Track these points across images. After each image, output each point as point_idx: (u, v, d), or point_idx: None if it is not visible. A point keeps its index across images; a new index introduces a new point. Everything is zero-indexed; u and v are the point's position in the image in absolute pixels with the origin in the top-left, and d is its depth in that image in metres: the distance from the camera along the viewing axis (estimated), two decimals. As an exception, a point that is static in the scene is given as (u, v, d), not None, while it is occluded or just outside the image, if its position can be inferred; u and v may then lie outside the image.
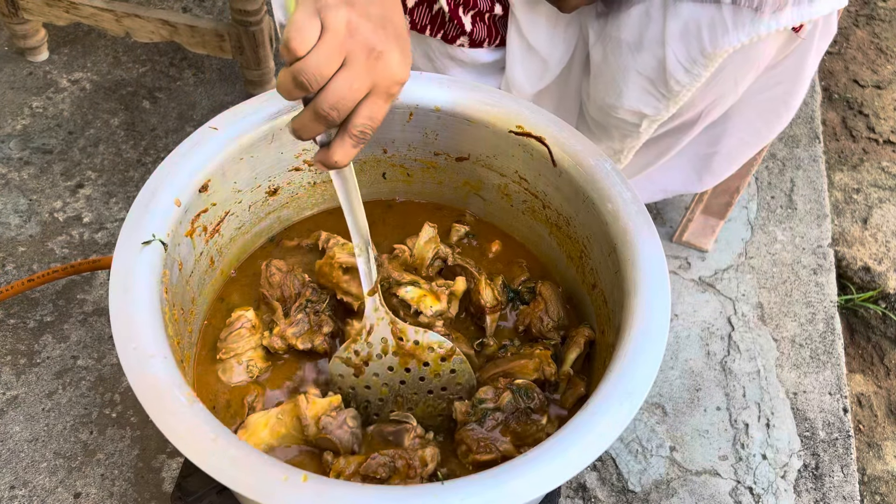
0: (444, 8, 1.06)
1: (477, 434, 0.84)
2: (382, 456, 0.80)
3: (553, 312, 0.96)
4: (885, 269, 1.57)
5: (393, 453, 0.81)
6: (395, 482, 0.79)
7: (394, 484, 0.79)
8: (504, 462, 0.79)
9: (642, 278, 0.82)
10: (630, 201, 0.88)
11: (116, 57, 1.75)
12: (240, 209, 0.96)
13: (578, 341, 0.92)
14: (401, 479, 0.79)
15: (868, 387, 1.47)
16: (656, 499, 1.20)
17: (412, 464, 0.80)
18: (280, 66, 1.75)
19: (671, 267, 1.47)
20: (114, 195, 1.49)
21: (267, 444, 0.83)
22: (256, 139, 0.91)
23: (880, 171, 1.78)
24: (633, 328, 0.79)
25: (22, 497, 1.13)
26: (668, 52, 0.98)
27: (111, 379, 1.25)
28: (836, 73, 1.99)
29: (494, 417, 0.85)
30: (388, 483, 0.79)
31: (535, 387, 0.88)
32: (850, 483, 1.24)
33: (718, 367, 1.34)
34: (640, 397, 0.74)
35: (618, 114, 1.10)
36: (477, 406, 0.86)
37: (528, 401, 0.86)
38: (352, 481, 0.77)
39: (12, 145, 1.56)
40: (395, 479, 0.79)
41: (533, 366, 0.89)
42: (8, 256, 1.39)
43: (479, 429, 0.85)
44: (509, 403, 0.86)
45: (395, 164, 1.05)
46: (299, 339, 0.91)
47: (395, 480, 0.79)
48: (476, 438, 0.84)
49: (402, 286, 0.94)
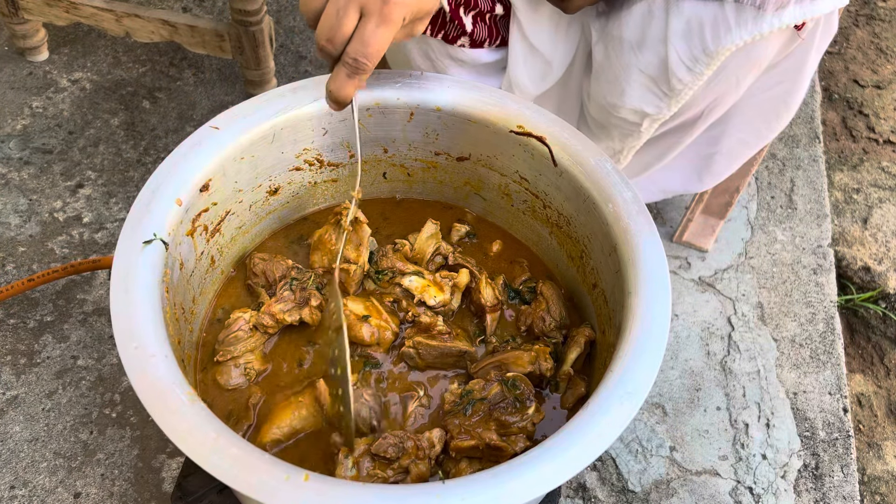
0: (445, 8, 1.06)
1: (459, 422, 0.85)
2: (393, 437, 0.81)
3: (555, 312, 0.96)
4: (885, 269, 1.57)
5: (402, 434, 0.82)
6: (405, 462, 0.81)
7: (403, 463, 0.80)
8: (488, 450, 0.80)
9: (643, 278, 0.82)
10: (631, 201, 0.88)
11: (116, 57, 1.75)
12: (240, 209, 0.96)
13: (579, 341, 0.92)
14: (409, 460, 0.81)
15: (868, 387, 1.47)
16: (656, 499, 1.20)
17: (420, 444, 0.82)
18: (280, 65, 1.75)
19: (671, 267, 1.47)
20: (114, 195, 1.49)
21: (290, 428, 0.85)
22: (257, 138, 0.91)
23: (880, 171, 1.78)
24: (634, 328, 0.79)
25: (22, 497, 1.13)
26: (671, 51, 0.98)
27: (111, 379, 1.25)
28: (836, 73, 1.99)
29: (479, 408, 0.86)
30: (397, 462, 0.81)
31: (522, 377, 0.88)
32: (850, 483, 1.24)
33: (718, 367, 1.35)
34: (641, 397, 0.74)
35: (619, 113, 1.10)
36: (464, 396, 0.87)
37: (513, 391, 0.86)
38: (362, 461, 0.79)
39: (12, 145, 1.56)
40: (404, 459, 0.81)
41: (528, 358, 0.89)
42: (8, 256, 1.39)
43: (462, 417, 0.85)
44: (496, 395, 0.86)
45: (395, 164, 1.05)
46: (287, 313, 0.91)
47: (404, 460, 0.81)
48: (457, 425, 0.84)
49: (406, 276, 0.94)
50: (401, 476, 0.80)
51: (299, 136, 0.95)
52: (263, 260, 0.97)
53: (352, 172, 0.88)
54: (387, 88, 0.96)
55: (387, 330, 0.92)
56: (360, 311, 0.92)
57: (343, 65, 0.76)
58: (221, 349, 0.90)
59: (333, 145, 0.99)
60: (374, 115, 0.97)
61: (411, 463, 0.81)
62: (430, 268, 1.00)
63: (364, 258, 0.96)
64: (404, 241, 1.00)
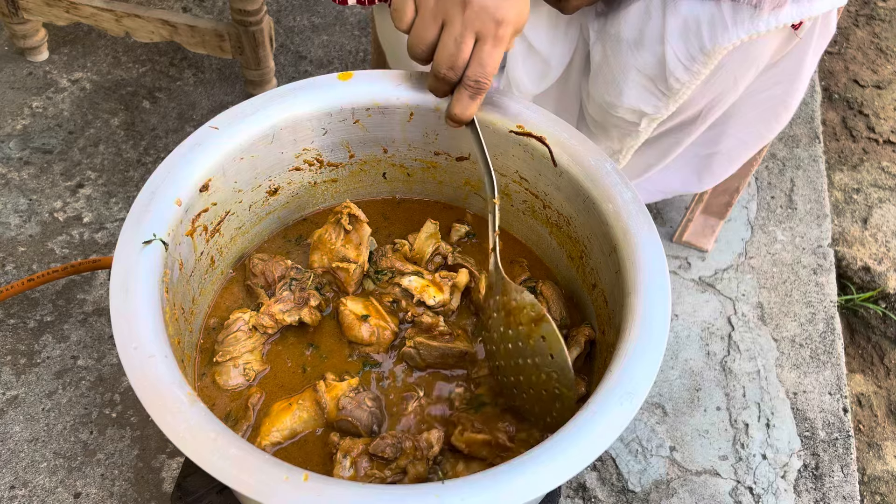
0: None
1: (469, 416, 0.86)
2: (391, 437, 0.81)
3: (555, 312, 0.96)
4: (885, 269, 1.57)
5: (400, 434, 0.82)
6: (403, 463, 0.80)
7: (401, 463, 0.80)
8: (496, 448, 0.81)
9: (643, 278, 0.82)
10: (630, 201, 0.88)
11: (116, 57, 1.75)
12: (240, 209, 0.96)
13: (579, 340, 0.92)
14: (407, 460, 0.81)
15: (868, 387, 1.47)
16: (656, 499, 1.20)
17: (419, 445, 0.82)
18: (280, 65, 1.75)
19: (671, 267, 1.47)
20: (114, 195, 1.49)
21: (290, 430, 0.85)
22: (257, 139, 0.91)
23: (880, 171, 1.78)
24: (634, 328, 0.79)
25: (22, 497, 1.13)
26: (668, 50, 0.98)
27: (111, 379, 1.25)
28: (836, 73, 1.99)
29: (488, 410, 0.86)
30: (395, 462, 0.80)
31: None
32: (850, 483, 1.24)
33: (718, 367, 1.34)
34: (641, 397, 0.74)
35: (618, 112, 1.10)
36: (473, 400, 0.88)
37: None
38: (360, 461, 0.80)
39: (12, 145, 1.56)
40: (402, 459, 0.81)
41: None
42: (8, 256, 1.39)
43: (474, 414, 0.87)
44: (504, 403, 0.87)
45: (395, 164, 1.05)
46: (286, 314, 0.91)
47: (402, 461, 0.81)
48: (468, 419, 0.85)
49: (405, 276, 0.94)
50: (398, 476, 0.80)
51: (299, 136, 0.95)
52: (262, 261, 0.97)
53: (485, 181, 0.90)
54: (387, 88, 0.96)
55: (386, 329, 0.92)
56: (360, 310, 0.92)
57: (465, 88, 0.83)
58: (221, 349, 0.89)
59: (333, 145, 0.99)
60: (374, 116, 0.97)
61: (409, 463, 0.80)
62: (430, 268, 1.00)
63: (364, 257, 0.96)
64: (403, 241, 1.00)
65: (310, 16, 1.88)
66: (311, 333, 0.94)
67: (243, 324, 0.90)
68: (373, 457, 0.81)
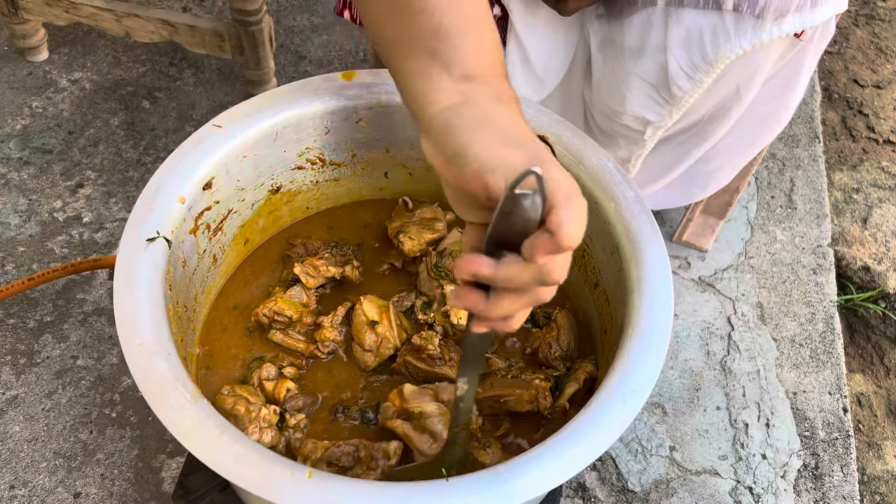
0: None
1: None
2: (347, 445, 0.80)
3: (563, 342, 0.93)
4: (885, 268, 1.57)
5: (357, 443, 0.81)
6: (357, 472, 0.79)
7: (355, 474, 0.79)
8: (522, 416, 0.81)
9: (645, 277, 0.83)
10: (633, 200, 0.88)
11: (116, 57, 1.75)
12: (243, 207, 0.96)
13: (579, 377, 0.89)
14: (363, 470, 0.79)
15: (868, 387, 1.48)
16: (656, 498, 1.20)
17: (374, 455, 0.80)
18: (280, 65, 1.75)
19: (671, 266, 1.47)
20: (114, 195, 1.49)
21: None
22: (260, 137, 0.91)
23: (880, 170, 1.78)
24: (636, 327, 0.79)
25: (22, 497, 1.13)
26: (670, 59, 0.99)
27: (111, 379, 1.24)
28: (836, 73, 2.00)
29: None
30: (349, 472, 0.79)
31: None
32: (850, 483, 1.24)
33: (718, 367, 1.35)
34: (643, 396, 0.74)
35: (622, 120, 1.10)
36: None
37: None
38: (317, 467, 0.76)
39: (12, 145, 1.55)
40: (357, 468, 0.79)
41: (528, 397, 0.87)
42: (8, 256, 1.38)
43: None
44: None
45: (397, 164, 1.05)
46: (330, 266, 0.93)
47: (357, 470, 0.79)
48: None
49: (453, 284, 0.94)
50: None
51: (302, 134, 0.95)
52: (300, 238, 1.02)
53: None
54: (390, 88, 0.96)
55: (388, 343, 0.91)
56: (373, 314, 0.90)
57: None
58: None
59: (336, 144, 0.99)
60: (377, 115, 0.97)
61: (363, 473, 0.79)
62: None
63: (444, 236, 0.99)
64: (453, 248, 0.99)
65: (310, 16, 1.88)
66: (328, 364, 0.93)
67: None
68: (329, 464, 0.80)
